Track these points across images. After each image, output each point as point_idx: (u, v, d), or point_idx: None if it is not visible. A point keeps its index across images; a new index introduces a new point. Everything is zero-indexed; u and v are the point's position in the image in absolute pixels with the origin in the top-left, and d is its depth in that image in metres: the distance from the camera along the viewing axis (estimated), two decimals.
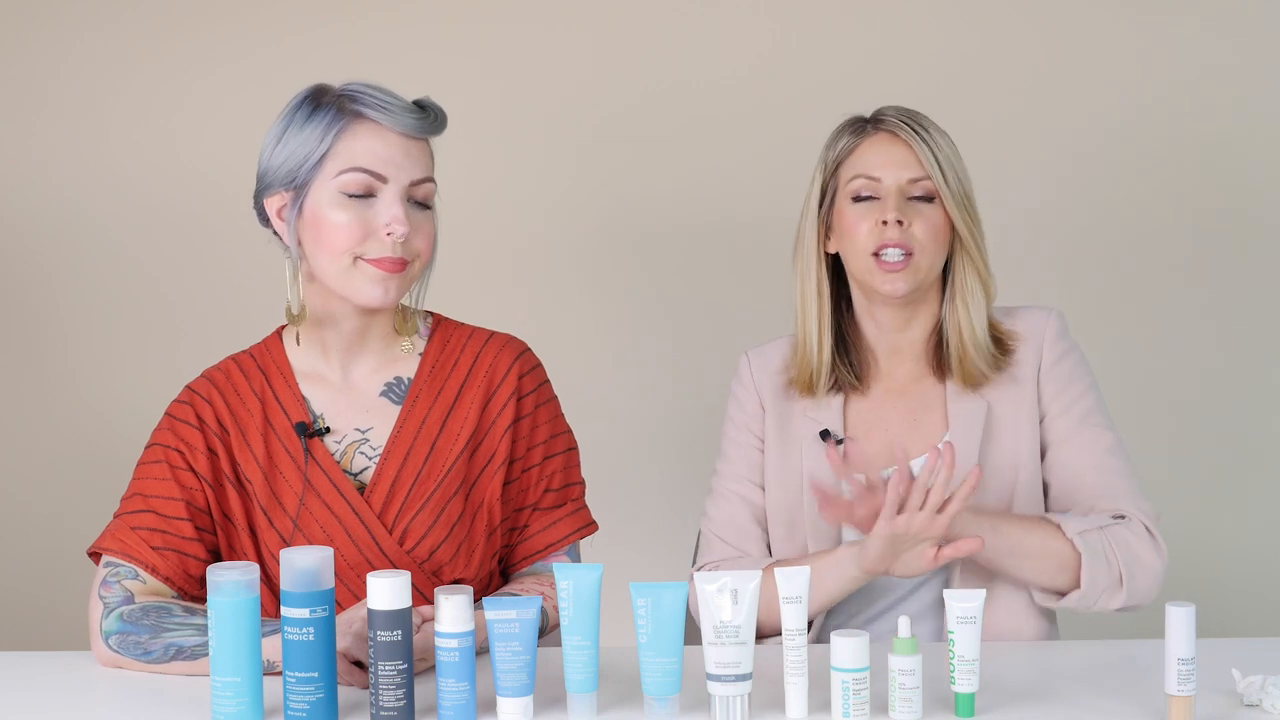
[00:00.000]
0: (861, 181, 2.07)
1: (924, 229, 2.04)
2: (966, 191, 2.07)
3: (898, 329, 2.12)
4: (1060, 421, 2.07)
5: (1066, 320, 2.13)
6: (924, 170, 2.05)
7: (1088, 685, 1.75)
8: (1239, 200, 2.96)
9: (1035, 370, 2.09)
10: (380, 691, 1.62)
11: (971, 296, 2.08)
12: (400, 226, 1.89)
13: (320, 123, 1.91)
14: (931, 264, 2.06)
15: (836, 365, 2.13)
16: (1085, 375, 2.11)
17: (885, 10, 2.97)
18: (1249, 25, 2.95)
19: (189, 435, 1.98)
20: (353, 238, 1.90)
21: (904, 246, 2.03)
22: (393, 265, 1.91)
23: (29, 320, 3.04)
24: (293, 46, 2.98)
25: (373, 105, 1.91)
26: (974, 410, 2.07)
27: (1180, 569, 2.96)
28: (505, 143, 2.98)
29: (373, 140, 1.90)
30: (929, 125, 2.08)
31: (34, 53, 3.02)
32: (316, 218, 1.91)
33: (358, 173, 1.90)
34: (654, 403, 3.02)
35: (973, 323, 2.08)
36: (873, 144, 2.08)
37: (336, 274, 1.92)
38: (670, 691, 1.66)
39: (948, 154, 2.06)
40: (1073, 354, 2.11)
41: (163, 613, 1.88)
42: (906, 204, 2.05)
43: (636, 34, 2.99)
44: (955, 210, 2.05)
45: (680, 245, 3.00)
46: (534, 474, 2.03)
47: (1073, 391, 2.08)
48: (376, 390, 2.02)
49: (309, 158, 1.90)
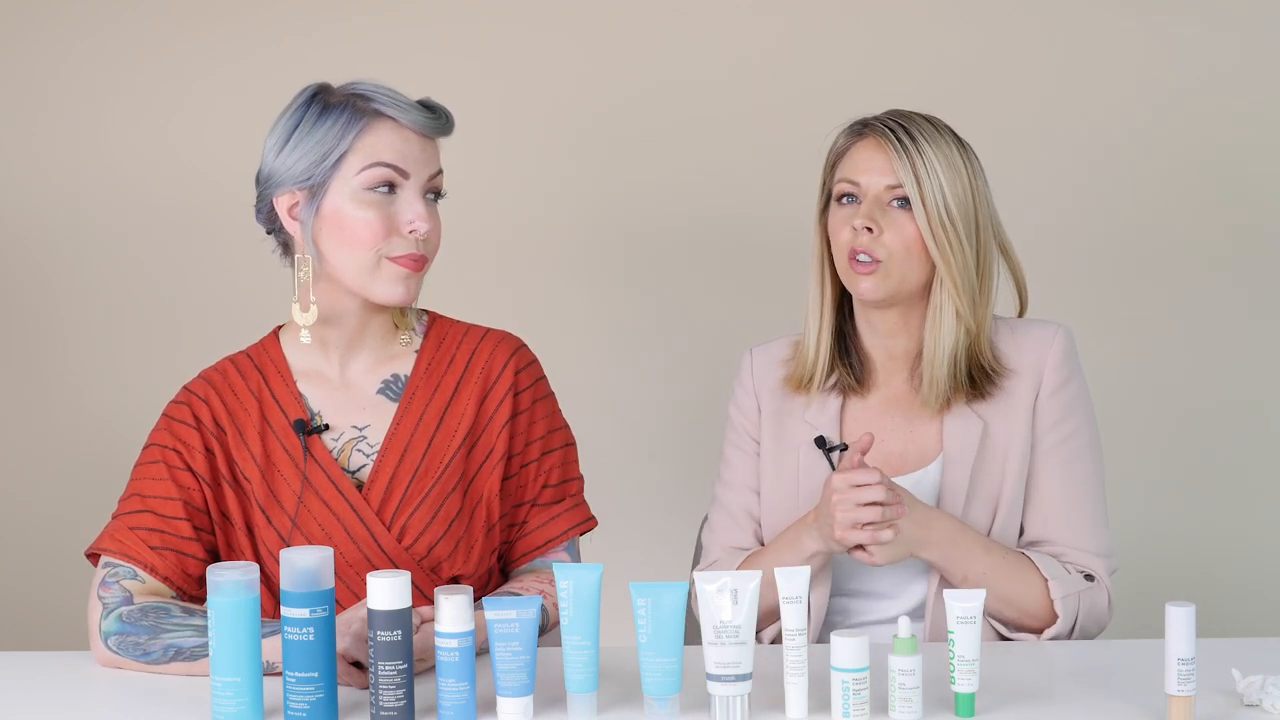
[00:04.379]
0: (845, 185, 2.07)
1: (896, 238, 2.02)
2: (949, 207, 2.01)
3: (890, 335, 2.11)
4: (1051, 453, 2.05)
5: (1074, 340, 2.09)
6: (899, 179, 2.03)
7: (1088, 685, 1.75)
8: (1250, 205, 2.96)
9: (1034, 393, 2.06)
10: (380, 691, 1.62)
11: (939, 318, 2.04)
12: (424, 224, 1.92)
13: (337, 121, 1.92)
14: (905, 273, 2.03)
15: (837, 366, 2.12)
16: (1084, 408, 2.08)
17: (885, 10, 2.97)
18: (1261, 30, 2.94)
19: (186, 435, 1.99)
20: (378, 234, 1.91)
21: (870, 253, 2.02)
22: (415, 262, 1.93)
23: (29, 320, 3.04)
24: (292, 47, 2.98)
25: (389, 104, 1.93)
26: (970, 428, 2.05)
27: (1180, 569, 2.98)
28: (501, 141, 2.98)
29: (394, 137, 1.92)
30: (922, 134, 2.03)
31: (34, 53, 3.02)
32: (338, 215, 1.92)
33: (382, 168, 1.91)
34: (651, 402, 3.02)
35: (937, 346, 2.05)
36: (860, 148, 2.07)
37: (359, 271, 1.93)
38: (670, 691, 1.66)
39: (933, 165, 2.01)
40: (1074, 381, 2.08)
41: (161, 613, 1.88)
42: (885, 211, 2.03)
43: (633, 32, 2.99)
44: (926, 225, 2.01)
45: (678, 244, 3.00)
46: (532, 469, 2.04)
47: (1069, 424, 2.06)
48: (373, 388, 2.02)
49: (327, 156, 1.91)
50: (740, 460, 2.16)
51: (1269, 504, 2.99)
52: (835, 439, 2.10)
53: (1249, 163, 2.95)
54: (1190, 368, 2.98)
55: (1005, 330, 2.11)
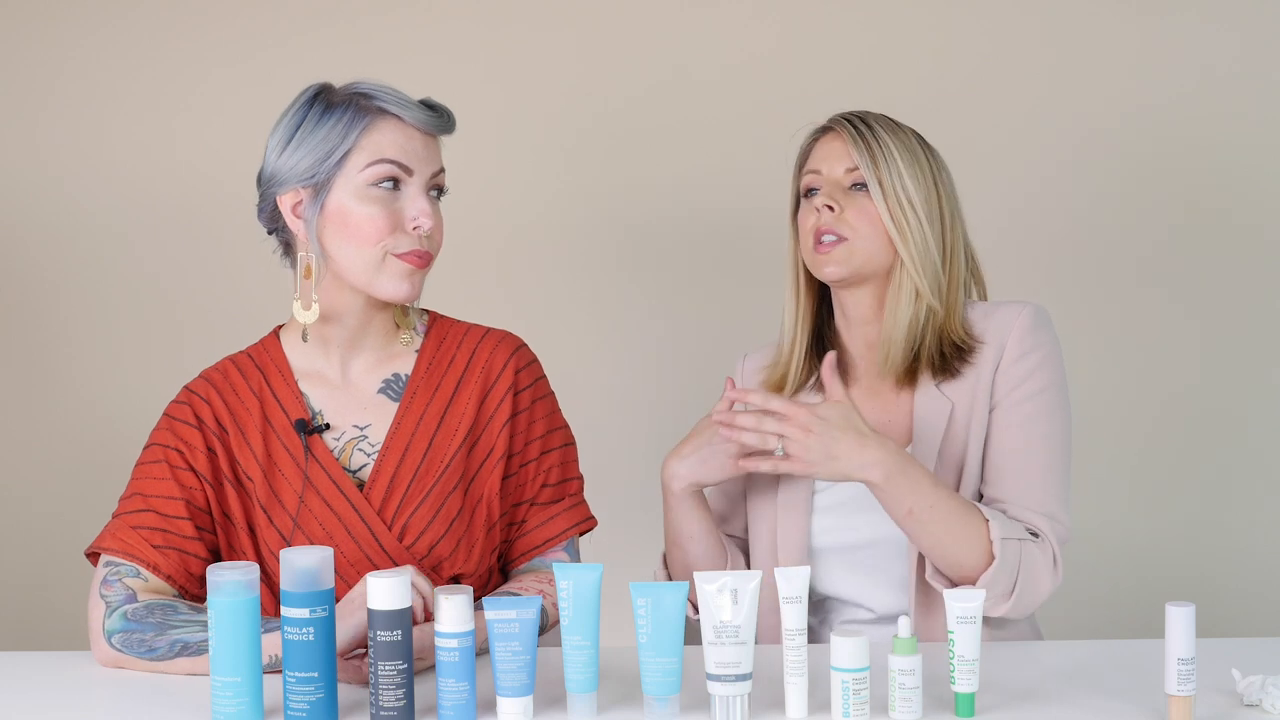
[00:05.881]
0: (809, 178, 2.11)
1: (857, 215, 2.06)
2: (906, 190, 2.05)
3: (864, 321, 2.12)
4: (1009, 412, 2.03)
5: (1046, 315, 2.09)
6: (855, 163, 2.07)
7: (1088, 685, 1.75)
8: (1238, 200, 2.96)
9: (994, 367, 2.06)
10: (380, 691, 1.62)
11: (898, 294, 2.06)
12: (428, 220, 1.93)
13: (340, 120, 1.93)
14: (870, 251, 2.05)
15: (817, 366, 2.14)
16: (1049, 374, 2.05)
17: (883, 10, 2.97)
18: (1251, 26, 2.94)
19: (188, 434, 1.99)
20: (382, 230, 1.92)
21: (834, 231, 2.05)
22: (419, 259, 1.94)
23: (30, 320, 3.05)
24: (293, 48, 2.99)
25: (393, 102, 1.94)
26: (938, 409, 2.06)
27: (1180, 569, 2.98)
28: (501, 141, 2.99)
29: (397, 134, 1.94)
30: (878, 124, 2.09)
31: (36, 53, 3.02)
32: (343, 212, 1.93)
33: (387, 164, 1.92)
34: (651, 402, 3.02)
35: (895, 320, 2.07)
36: (821, 143, 2.12)
37: (363, 268, 1.94)
38: (670, 691, 1.66)
39: (890, 151, 2.06)
40: (1038, 351, 2.06)
41: (168, 610, 1.88)
42: (846, 193, 2.07)
43: (633, 33, 2.99)
44: (883, 205, 2.05)
45: (678, 243, 3.00)
46: (531, 469, 2.04)
47: (1030, 386, 2.04)
48: (374, 387, 2.02)
49: (331, 153, 1.93)
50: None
51: (1269, 504, 2.99)
52: None
53: (1246, 162, 2.96)
54: (1191, 367, 2.98)
55: (980, 312, 2.11)
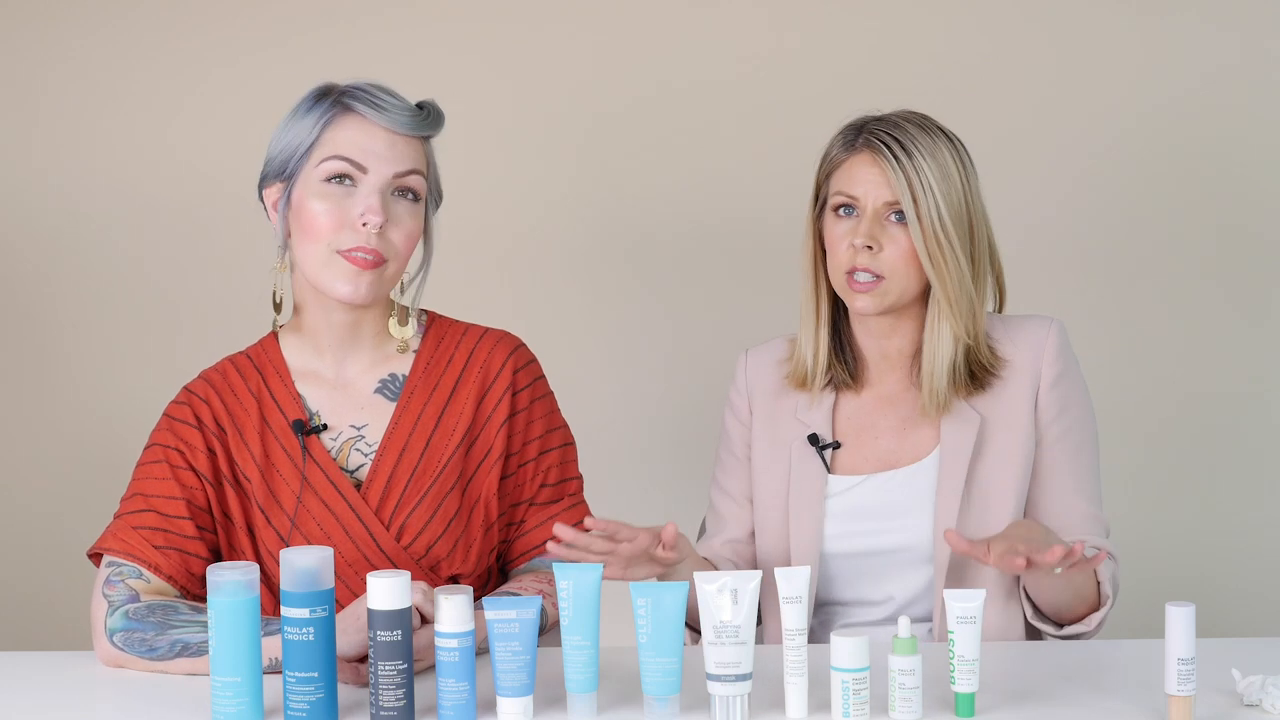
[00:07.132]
0: (842, 197, 2.07)
1: (896, 252, 2.03)
2: (943, 220, 2.01)
3: (883, 335, 2.11)
4: (1057, 445, 2.07)
5: (1066, 332, 2.11)
6: (895, 195, 2.03)
7: (1088, 685, 1.75)
8: (1248, 205, 2.96)
9: (1033, 388, 2.07)
10: (380, 691, 1.62)
11: (936, 333, 2.06)
12: (374, 216, 1.91)
13: (313, 116, 1.95)
14: (904, 287, 2.04)
15: (833, 363, 2.13)
16: (1082, 397, 2.10)
17: (886, 11, 2.97)
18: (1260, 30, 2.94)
19: (188, 435, 1.99)
20: (327, 226, 1.92)
21: (872, 270, 2.03)
22: (365, 259, 1.92)
23: (29, 320, 3.04)
24: (294, 48, 2.98)
25: (364, 101, 1.94)
26: (967, 424, 2.06)
27: (1180, 569, 2.97)
28: (504, 143, 2.98)
29: (355, 132, 1.93)
30: (916, 145, 2.03)
31: (34, 53, 3.01)
32: (300, 207, 1.94)
33: (338, 160, 1.93)
34: (652, 403, 3.02)
35: (935, 360, 2.06)
36: (856, 162, 2.06)
37: (315, 265, 1.94)
38: (670, 691, 1.66)
39: (928, 178, 2.02)
40: (1071, 371, 2.10)
41: (170, 610, 1.88)
42: (883, 226, 2.03)
43: (636, 35, 2.99)
44: (920, 240, 2.02)
45: (679, 245, 3.00)
46: (530, 469, 2.04)
47: (1071, 415, 2.08)
48: (371, 387, 2.02)
49: (299, 148, 1.94)
50: (733, 465, 2.17)
51: (1269, 503, 2.99)
52: (828, 437, 2.10)
53: (1247, 163, 2.95)
54: (1192, 367, 2.98)
55: (1000, 326, 2.12)
